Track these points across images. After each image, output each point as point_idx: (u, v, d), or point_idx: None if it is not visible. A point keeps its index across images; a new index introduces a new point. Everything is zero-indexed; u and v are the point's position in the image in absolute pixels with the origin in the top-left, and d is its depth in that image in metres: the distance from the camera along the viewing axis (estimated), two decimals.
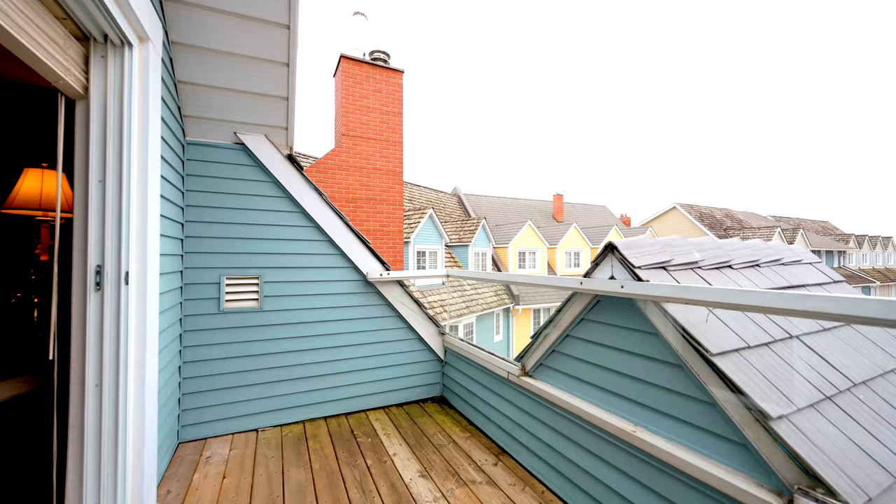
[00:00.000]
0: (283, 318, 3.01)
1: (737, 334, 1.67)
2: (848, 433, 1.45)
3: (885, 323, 1.04)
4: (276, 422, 2.98)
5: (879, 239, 38.65)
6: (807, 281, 2.56)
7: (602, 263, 1.98)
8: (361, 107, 6.08)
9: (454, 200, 24.17)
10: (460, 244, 16.26)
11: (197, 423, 2.76)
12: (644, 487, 1.74)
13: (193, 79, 2.47)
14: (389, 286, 3.38)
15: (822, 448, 1.32)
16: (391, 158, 6.27)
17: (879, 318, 1.04)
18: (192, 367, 2.76)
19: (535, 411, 2.41)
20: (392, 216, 6.24)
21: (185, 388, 2.73)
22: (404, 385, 3.44)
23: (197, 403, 2.76)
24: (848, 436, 1.44)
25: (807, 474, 1.26)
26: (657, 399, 1.75)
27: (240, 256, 2.90)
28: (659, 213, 33.96)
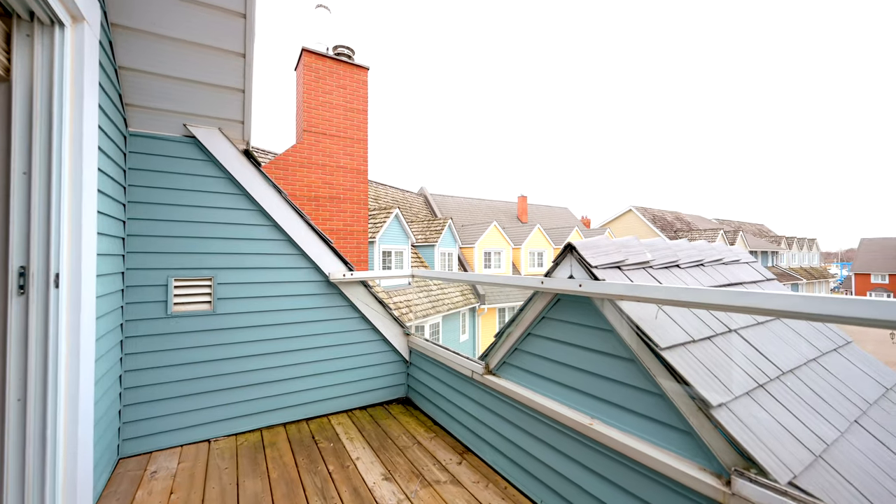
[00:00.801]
0: (239, 322, 2.87)
1: (683, 329, 1.78)
2: (777, 417, 1.59)
3: (807, 316, 1.15)
4: (230, 431, 2.82)
5: (805, 241, 42.95)
6: (744, 279, 2.79)
7: (562, 263, 2.05)
8: (324, 103, 5.90)
9: (420, 200, 24.10)
10: (427, 244, 16.24)
11: (140, 435, 2.56)
12: (600, 477, 1.81)
13: (138, 65, 2.30)
14: (353, 287, 3.31)
15: (755, 432, 1.43)
16: (355, 156, 6.13)
17: (803, 312, 1.15)
18: (135, 375, 2.56)
19: (499, 409, 2.45)
20: (356, 215, 6.10)
21: (128, 399, 2.53)
22: (368, 387, 3.38)
23: (141, 415, 2.57)
24: (777, 420, 1.58)
25: (742, 456, 1.37)
26: (612, 392, 1.83)
27: (190, 256, 2.73)
28: (616, 216, 35.71)
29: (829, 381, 2.11)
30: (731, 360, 1.81)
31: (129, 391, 2.54)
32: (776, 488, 1.25)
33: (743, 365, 1.82)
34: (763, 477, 1.30)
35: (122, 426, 2.51)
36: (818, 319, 1.12)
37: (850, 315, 1.05)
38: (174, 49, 2.29)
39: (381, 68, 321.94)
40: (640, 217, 33.80)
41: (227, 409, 2.82)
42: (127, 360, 2.54)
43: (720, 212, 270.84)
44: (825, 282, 41.84)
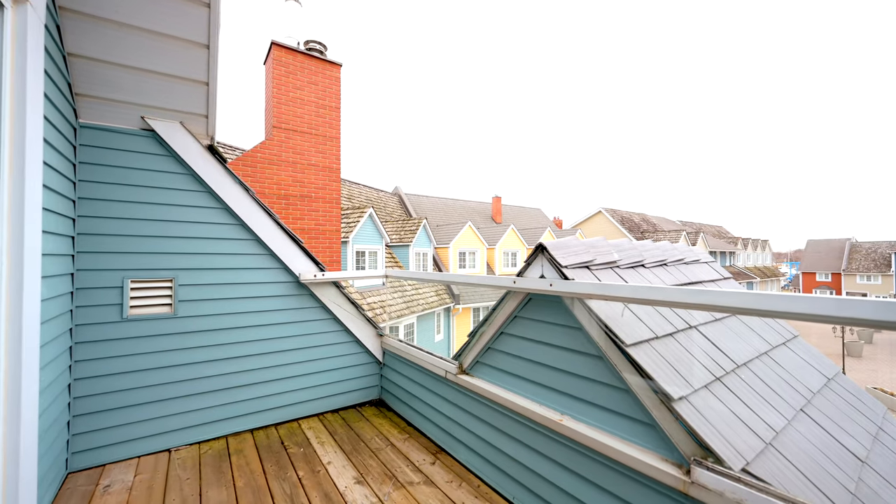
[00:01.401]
0: (202, 325, 2.74)
1: (647, 326, 1.85)
2: (732, 408, 1.69)
3: (759, 313, 1.22)
4: (192, 439, 2.70)
5: (759, 242, 45.85)
6: (703, 278, 2.94)
7: (533, 263, 2.08)
8: (295, 98, 5.73)
9: (395, 200, 23.92)
10: (401, 244, 16.13)
11: (92, 447, 2.40)
12: (570, 472, 1.86)
13: (90, 52, 2.15)
14: (324, 287, 3.24)
15: (712, 423, 1.51)
16: (328, 154, 5.99)
17: (755, 308, 1.22)
18: (86, 384, 2.39)
19: (472, 408, 2.46)
20: (328, 215, 5.97)
21: (78, 409, 2.37)
22: (341, 390, 3.32)
23: (93, 425, 2.40)
24: (732, 410, 1.68)
25: (701, 446, 1.44)
26: (582, 389, 1.88)
27: (149, 257, 2.58)
28: (587, 217, 36.80)
29: (778, 372, 2.25)
30: (692, 354, 1.90)
31: (79, 400, 2.37)
32: (730, 475, 1.32)
33: (702, 359, 1.92)
34: (719, 465, 1.38)
35: (72, 438, 2.35)
36: (768, 315, 1.20)
37: (794, 311, 1.12)
38: (131, 37, 2.16)
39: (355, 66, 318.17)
40: (609, 218, 34.97)
41: (190, 417, 2.69)
42: (77, 368, 2.37)
43: (684, 214, 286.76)
44: (776, 280, 44.81)
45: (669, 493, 1.47)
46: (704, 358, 1.94)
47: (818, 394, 2.33)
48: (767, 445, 1.61)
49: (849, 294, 46.50)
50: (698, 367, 1.84)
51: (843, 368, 23.98)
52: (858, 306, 1.02)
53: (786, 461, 1.59)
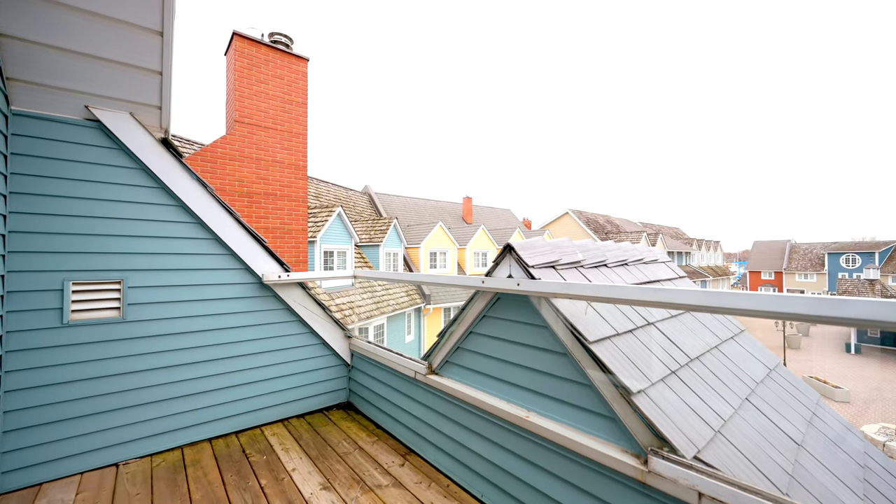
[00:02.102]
0: (155, 329, 2.58)
1: (609, 323, 1.93)
2: (685, 399, 1.79)
3: (711, 310, 1.30)
4: (144, 451, 2.53)
5: (712, 242, 49.00)
6: (661, 276, 3.09)
7: (501, 263, 2.11)
8: (258, 92, 5.50)
9: (365, 199, 23.56)
10: (371, 244, 15.91)
11: (27, 465, 2.20)
12: (536, 467, 1.90)
13: (25, 34, 1.97)
14: (289, 288, 3.13)
15: (667, 414, 1.59)
16: (294, 151, 5.79)
17: (706, 305, 1.30)
18: (19, 396, 2.19)
19: (442, 408, 2.47)
20: (295, 213, 5.77)
21: (9, 424, 2.16)
22: (307, 394, 3.22)
23: (28, 441, 2.20)
24: (685, 402, 1.77)
25: (657, 437, 1.52)
26: (548, 385, 1.92)
27: (94, 257, 2.40)
28: (555, 218, 37.84)
29: (726, 364, 2.41)
30: (650, 350, 2.00)
31: (11, 415, 2.16)
32: (683, 463, 1.40)
33: (659, 354, 2.02)
34: (674, 454, 1.45)
35: (3, 456, 2.13)
36: (718, 312, 1.28)
37: (740, 307, 1.20)
38: (74, 19, 2.00)
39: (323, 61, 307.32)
40: (575, 220, 36.13)
41: (141, 428, 2.52)
42: (8, 379, 2.16)
43: (645, 216, 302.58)
44: (727, 278, 48.01)
45: (629, 483, 1.54)
46: (661, 353, 2.04)
47: (761, 383, 2.52)
48: (717, 433, 1.71)
49: (789, 291, 50.61)
50: (656, 361, 1.94)
51: (784, 360, 26.03)
52: (794, 302, 1.11)
53: (732, 447, 1.71)
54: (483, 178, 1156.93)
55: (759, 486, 1.26)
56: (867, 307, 1.00)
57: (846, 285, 33.75)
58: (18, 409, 2.18)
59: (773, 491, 1.31)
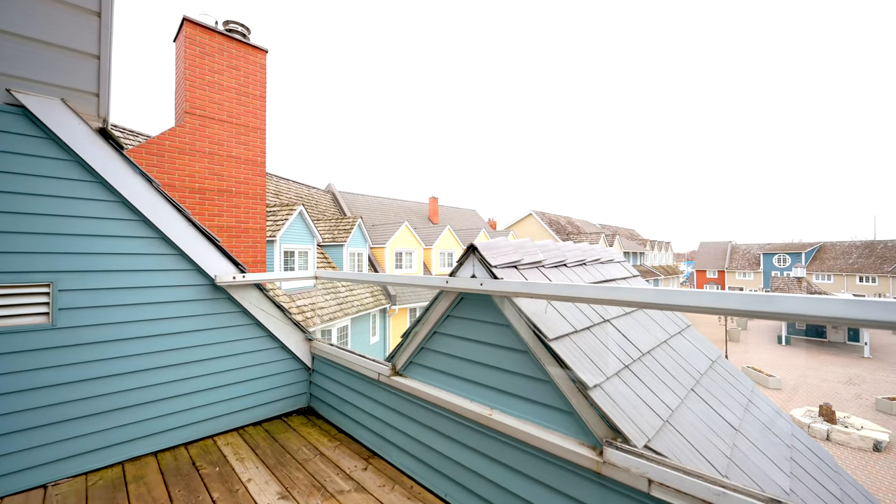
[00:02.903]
0: (91, 336, 2.36)
1: (567, 321, 1.99)
2: (637, 392, 1.89)
3: (661, 306, 1.38)
4: (78, 469, 2.31)
5: (663, 243, 52.22)
6: (616, 276, 3.25)
7: (465, 263, 2.13)
8: (212, 83, 5.17)
9: (328, 198, 22.95)
10: (334, 244, 15.52)
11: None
12: (498, 464, 1.93)
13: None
14: (245, 290, 2.98)
15: (621, 406, 1.67)
16: (251, 146, 5.51)
17: (657, 303, 1.38)
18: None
19: (406, 409, 2.45)
20: (252, 211, 5.50)
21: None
22: (264, 400, 3.09)
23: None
24: (637, 394, 1.87)
25: (612, 429, 1.59)
26: (510, 383, 1.96)
27: (16, 257, 2.16)
28: (519, 219, 38.75)
29: (674, 358, 2.57)
30: (605, 346, 2.09)
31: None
32: (635, 452, 1.47)
33: (614, 350, 2.12)
34: (626, 444, 1.53)
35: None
36: (667, 308, 1.36)
37: (686, 304, 1.29)
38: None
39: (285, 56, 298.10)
40: (538, 221, 37.19)
41: (75, 444, 2.30)
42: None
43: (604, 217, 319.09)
44: (676, 277, 51.33)
45: (585, 474, 1.60)
46: (616, 348, 2.15)
47: (705, 375, 2.71)
48: (665, 423, 1.82)
49: (730, 288, 54.89)
50: (611, 356, 2.03)
51: (725, 352, 28.21)
52: (731, 299, 1.20)
53: (679, 435, 1.82)
54: (449, 178, 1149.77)
55: (702, 470, 1.35)
56: (792, 302, 1.10)
57: (778, 282, 37.17)
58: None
59: (714, 474, 1.40)
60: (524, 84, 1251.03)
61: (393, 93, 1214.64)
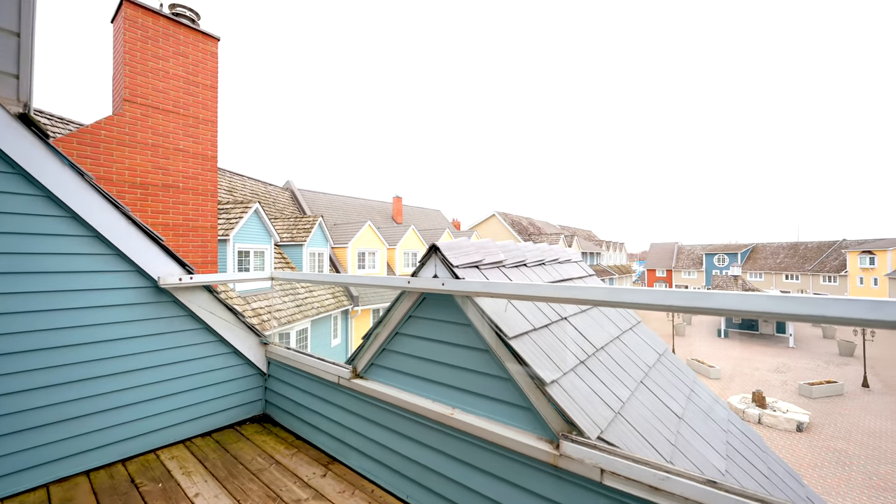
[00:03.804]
0: (9, 345, 2.11)
1: (527, 319, 2.04)
2: (591, 386, 1.97)
3: (614, 304, 1.45)
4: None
5: (618, 244, 55.08)
6: (573, 275, 3.37)
7: (427, 263, 2.13)
8: (156, 70, 4.78)
9: (287, 195, 22.09)
10: (293, 243, 14.97)
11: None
12: (460, 462, 1.94)
13: None
14: (193, 293, 2.80)
15: (576, 401, 1.74)
16: (201, 139, 5.15)
17: (611, 300, 1.44)
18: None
19: (367, 412, 2.40)
20: (202, 208, 5.15)
21: None
22: (214, 409, 2.91)
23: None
24: (591, 388, 1.95)
25: (567, 422, 1.65)
26: (472, 381, 1.98)
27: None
28: (482, 219, 39.32)
29: (625, 352, 2.71)
30: (562, 343, 2.17)
31: None
32: (588, 444, 1.54)
33: (570, 346, 2.20)
34: (581, 437, 1.59)
35: None
36: (619, 306, 1.43)
37: (636, 302, 1.36)
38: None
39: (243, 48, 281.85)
40: (501, 222, 37.93)
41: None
42: None
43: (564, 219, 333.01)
44: (629, 276, 54.34)
45: (543, 468, 1.65)
46: (572, 345, 2.23)
47: (653, 367, 2.88)
48: (617, 414, 1.92)
49: (677, 286, 58.89)
50: (568, 353, 2.11)
51: (672, 346, 30.24)
52: (675, 296, 1.28)
53: (629, 425, 1.92)
54: (414, 178, 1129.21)
55: (649, 458, 1.44)
56: (726, 299, 1.20)
57: (717, 281, 40.39)
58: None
59: (660, 460, 1.50)
60: (488, 86, 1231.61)
61: (356, 90, 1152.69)
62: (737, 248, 56.11)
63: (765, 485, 2.75)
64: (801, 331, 36.39)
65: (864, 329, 24.41)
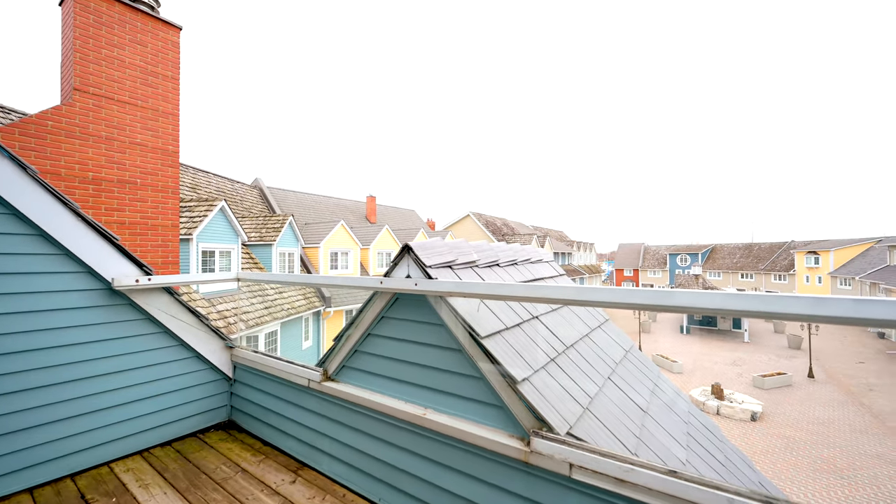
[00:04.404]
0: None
1: (499, 318, 2.07)
2: (561, 383, 2.02)
3: (583, 303, 1.48)
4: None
5: (588, 244, 56.75)
6: (545, 275, 3.45)
7: (400, 263, 2.11)
8: (110, 58, 4.47)
9: (255, 194, 21.35)
10: (262, 243, 14.48)
11: None
12: (432, 462, 1.94)
13: None
14: (151, 295, 2.65)
15: (546, 398, 1.78)
16: (161, 133, 4.86)
17: (580, 299, 1.48)
18: None
19: (338, 415, 2.35)
20: (162, 206, 4.86)
21: None
22: (175, 417, 2.77)
23: None
24: (561, 385, 2.00)
25: (538, 419, 1.68)
26: (444, 381, 1.98)
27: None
28: (457, 220, 39.48)
29: (594, 349, 2.80)
30: (533, 341, 2.21)
31: None
32: (558, 439, 1.57)
33: (541, 345, 2.24)
34: (550, 433, 1.62)
35: None
36: (588, 305, 1.47)
37: (605, 300, 1.40)
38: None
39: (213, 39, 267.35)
40: (476, 222, 38.22)
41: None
42: None
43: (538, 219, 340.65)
44: (599, 275, 56.13)
45: (514, 465, 1.67)
46: (543, 343, 2.27)
47: (620, 364, 2.98)
48: (585, 410, 1.97)
49: (643, 285, 61.39)
50: (539, 351, 2.15)
51: (639, 343, 31.48)
52: (639, 295, 1.33)
53: (597, 420, 1.98)
54: (389, 178, 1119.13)
55: (615, 451, 1.49)
56: (686, 297, 1.25)
57: (680, 279, 42.42)
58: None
59: (625, 453, 1.56)
60: (464, 86, 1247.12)
61: (329, 87, 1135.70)
62: (698, 249, 59.20)
63: (721, 472, 2.91)
64: (755, 326, 38.80)
65: (810, 323, 26.36)
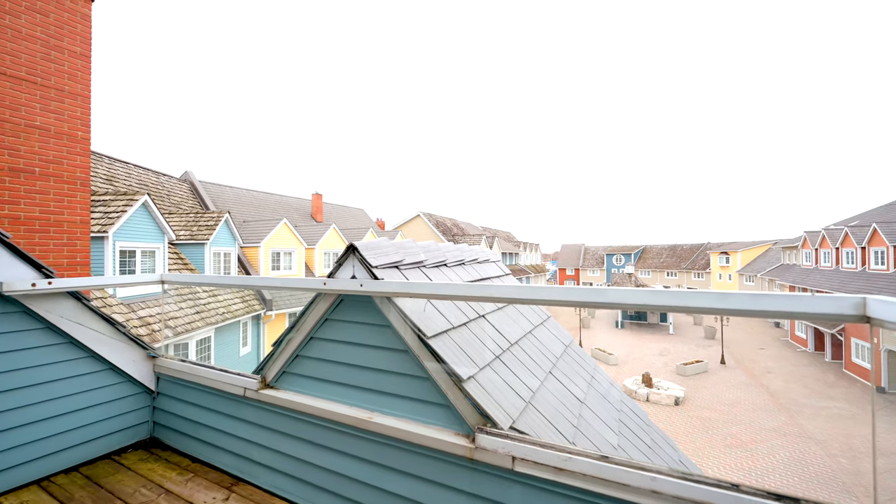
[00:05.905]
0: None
1: (446, 318, 2.08)
2: (505, 379, 2.08)
3: (525, 301, 1.54)
4: None
5: (533, 245, 59.28)
6: (491, 274, 3.54)
7: (345, 263, 2.04)
8: (1, 26, 3.81)
9: (185, 188, 19.57)
10: (194, 242, 13.32)
11: None
12: (379, 466, 1.90)
13: None
14: (53, 301, 2.32)
15: (491, 394, 1.82)
16: (67, 116, 4.24)
17: (524, 298, 1.53)
18: None
19: (278, 424, 2.22)
20: (68, 199, 4.24)
21: None
22: (83, 438, 2.44)
23: None
24: (505, 381, 2.06)
25: (483, 416, 1.71)
26: (391, 383, 1.95)
27: None
28: (407, 220, 39.28)
29: (536, 346, 2.92)
30: (480, 340, 2.25)
31: None
32: (501, 434, 1.62)
33: (487, 343, 2.29)
34: (495, 428, 1.67)
35: None
36: (531, 303, 1.52)
37: (546, 298, 1.47)
38: None
39: (141, 18, 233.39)
40: (426, 222, 38.29)
41: None
42: None
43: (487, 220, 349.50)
44: (543, 274, 58.86)
45: (460, 462, 1.69)
46: (489, 341, 2.33)
47: (560, 358, 3.15)
48: (527, 404, 2.05)
49: (583, 284, 65.33)
50: (485, 349, 2.20)
51: (579, 338, 33.45)
52: (576, 293, 1.41)
53: (538, 413, 2.07)
54: (336, 176, 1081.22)
55: (554, 441, 1.56)
56: (617, 294, 1.35)
57: (615, 278, 45.83)
58: None
59: (564, 442, 1.64)
60: (416, 84, 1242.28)
61: (273, 79, 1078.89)
62: (631, 249, 64.41)
63: (648, 454, 3.18)
64: (678, 319, 42.99)
65: (720, 316, 29.82)
